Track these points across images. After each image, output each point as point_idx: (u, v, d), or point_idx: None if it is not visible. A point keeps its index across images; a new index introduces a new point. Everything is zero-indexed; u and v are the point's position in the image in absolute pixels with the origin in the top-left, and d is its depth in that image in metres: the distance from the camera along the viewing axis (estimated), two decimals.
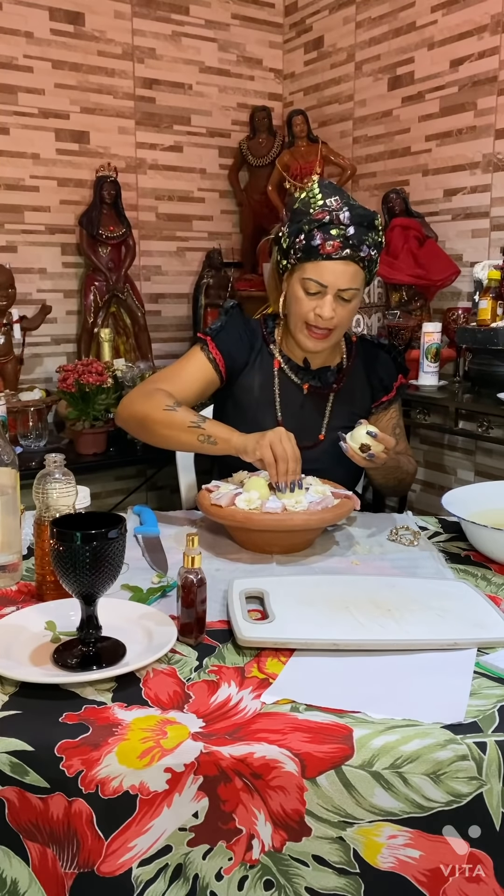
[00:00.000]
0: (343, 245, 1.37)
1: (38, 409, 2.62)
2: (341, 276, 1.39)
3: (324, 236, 1.37)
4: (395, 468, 1.52)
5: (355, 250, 1.38)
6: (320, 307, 1.41)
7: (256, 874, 0.79)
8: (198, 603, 0.99)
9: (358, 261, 1.39)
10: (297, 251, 1.40)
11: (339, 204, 1.38)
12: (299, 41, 3.41)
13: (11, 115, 2.91)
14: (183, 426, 1.39)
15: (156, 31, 3.16)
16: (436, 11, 2.74)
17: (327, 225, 1.37)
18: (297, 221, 1.41)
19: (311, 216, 1.39)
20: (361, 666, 0.94)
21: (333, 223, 1.37)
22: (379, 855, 0.79)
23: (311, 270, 1.40)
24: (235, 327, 1.55)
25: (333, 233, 1.37)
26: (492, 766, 0.79)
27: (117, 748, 0.77)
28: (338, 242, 1.37)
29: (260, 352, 1.56)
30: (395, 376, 1.61)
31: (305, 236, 1.38)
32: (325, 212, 1.37)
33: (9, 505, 1.15)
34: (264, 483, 1.30)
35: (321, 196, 1.40)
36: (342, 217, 1.37)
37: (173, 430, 1.40)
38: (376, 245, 1.41)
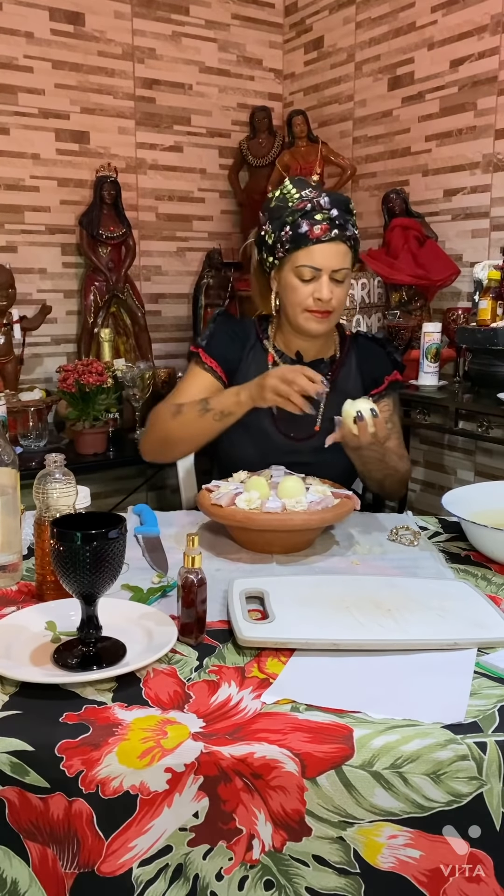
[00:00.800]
0: (331, 227, 1.42)
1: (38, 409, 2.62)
2: (333, 256, 1.43)
3: (310, 222, 1.42)
4: (378, 460, 1.49)
5: (342, 230, 1.43)
6: (318, 290, 1.44)
7: (257, 874, 0.79)
8: (198, 603, 0.99)
9: (345, 240, 1.44)
10: (285, 243, 1.45)
11: (316, 193, 1.44)
12: (299, 41, 3.41)
13: (11, 115, 2.91)
14: (195, 419, 1.45)
15: (156, 31, 3.16)
16: (436, 11, 2.74)
17: (310, 212, 1.42)
18: (277, 217, 1.45)
19: (292, 208, 1.43)
20: (361, 666, 0.94)
21: (316, 209, 1.42)
22: (379, 855, 0.79)
23: (303, 257, 1.44)
24: (224, 331, 1.60)
25: (318, 217, 1.42)
26: (492, 766, 0.79)
27: (118, 748, 0.77)
28: (325, 225, 1.42)
29: (253, 347, 1.59)
30: (389, 371, 1.61)
31: (291, 227, 1.43)
32: (306, 201, 1.43)
33: (9, 505, 1.15)
34: (264, 483, 1.30)
35: (296, 189, 1.45)
36: (323, 203, 1.42)
37: (190, 428, 1.47)
38: (356, 227, 1.48)
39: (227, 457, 1.57)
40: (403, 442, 1.62)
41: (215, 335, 1.59)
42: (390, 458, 1.51)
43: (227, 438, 1.55)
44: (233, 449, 1.56)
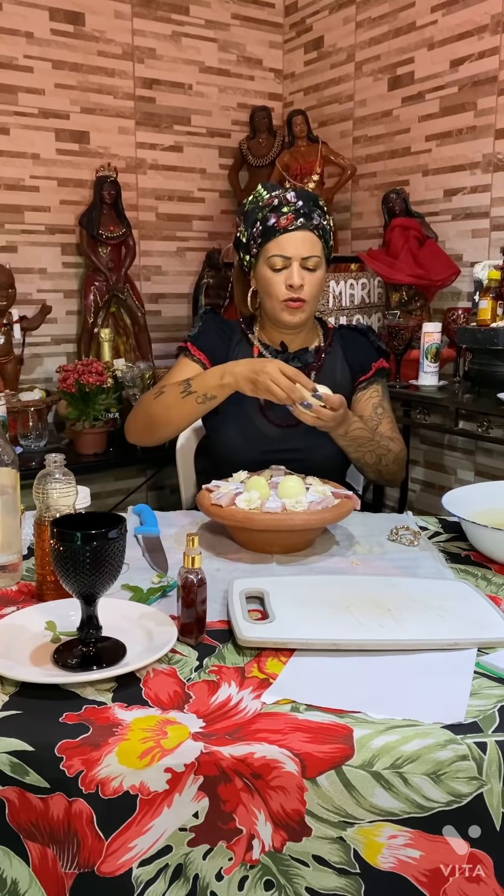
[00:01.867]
0: (296, 216, 1.49)
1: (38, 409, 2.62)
2: (301, 244, 1.49)
3: (277, 215, 1.49)
4: (367, 440, 1.50)
5: (308, 219, 1.49)
6: (289, 277, 1.49)
7: (257, 874, 0.79)
8: (198, 603, 0.99)
9: (312, 229, 1.50)
10: (257, 238, 1.52)
11: (283, 190, 1.52)
12: (299, 41, 3.41)
13: (11, 115, 2.91)
14: (177, 400, 1.47)
15: (156, 31, 3.16)
16: (436, 11, 2.74)
17: (278, 206, 1.50)
18: (250, 216, 1.53)
19: (261, 205, 1.52)
20: (361, 666, 0.94)
21: (283, 203, 1.50)
22: (379, 855, 0.79)
23: (273, 248, 1.50)
24: (211, 327, 1.64)
25: (285, 210, 1.49)
26: (492, 766, 0.79)
27: (117, 748, 0.77)
28: (291, 215, 1.49)
29: (239, 342, 1.63)
30: (375, 358, 1.64)
31: (261, 222, 1.51)
32: (273, 198, 1.51)
33: (9, 505, 1.15)
34: (264, 483, 1.30)
35: (265, 191, 1.53)
36: (289, 196, 1.50)
37: (172, 410, 1.48)
38: (325, 217, 1.53)
39: (216, 446, 1.60)
40: (395, 427, 1.63)
41: (204, 330, 1.63)
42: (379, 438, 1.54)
43: (214, 429, 1.58)
44: (220, 438, 1.59)
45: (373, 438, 1.52)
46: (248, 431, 1.55)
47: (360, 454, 1.53)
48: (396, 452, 1.57)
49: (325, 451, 1.51)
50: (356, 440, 1.49)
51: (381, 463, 1.55)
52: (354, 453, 1.53)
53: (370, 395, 1.62)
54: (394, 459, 1.56)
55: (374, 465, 1.55)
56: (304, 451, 1.48)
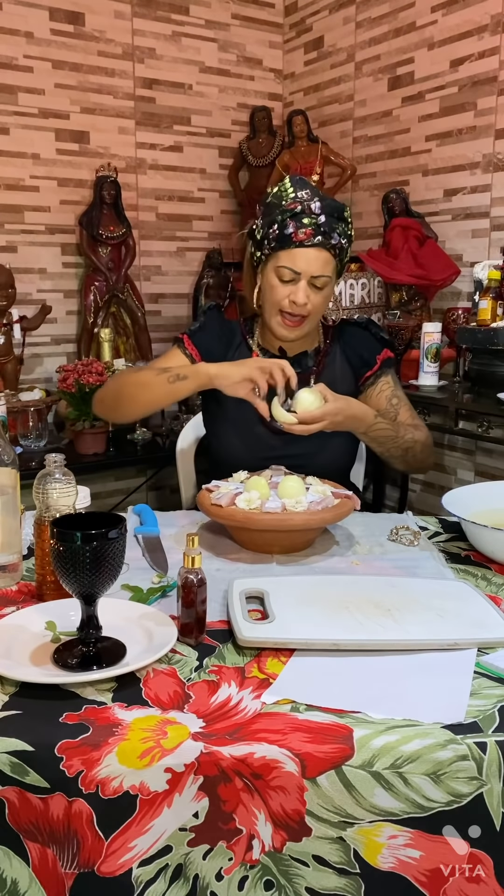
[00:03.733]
0: (315, 232, 1.41)
1: (38, 409, 2.62)
2: (314, 262, 1.43)
3: (296, 225, 1.42)
4: (390, 438, 1.49)
5: (327, 238, 1.42)
6: (294, 294, 1.45)
7: (257, 874, 0.79)
8: (198, 603, 0.99)
9: (329, 248, 1.44)
10: (271, 241, 1.45)
11: (310, 195, 1.43)
12: (299, 41, 3.41)
13: (11, 115, 2.91)
14: (150, 377, 1.45)
15: (156, 31, 3.16)
16: (436, 11, 2.74)
17: (299, 214, 1.42)
18: (269, 214, 1.45)
19: (283, 207, 1.43)
20: (361, 666, 0.94)
21: (305, 213, 1.41)
22: (379, 855, 0.79)
23: (284, 258, 1.44)
24: (213, 326, 1.60)
25: (305, 221, 1.41)
26: (492, 766, 0.79)
27: (117, 748, 0.77)
28: (310, 230, 1.41)
29: (238, 347, 1.60)
30: (378, 350, 1.60)
31: (279, 226, 1.43)
32: (297, 202, 1.42)
33: (9, 505, 1.15)
34: (264, 483, 1.30)
35: (293, 189, 1.45)
36: (313, 207, 1.41)
37: (143, 388, 1.46)
38: (346, 236, 1.46)
39: (216, 450, 1.59)
40: (415, 412, 1.60)
41: (204, 328, 1.59)
42: (404, 431, 1.51)
43: (215, 433, 1.57)
44: (220, 443, 1.58)
45: (396, 435, 1.50)
46: (249, 438, 1.54)
47: (384, 450, 1.52)
48: (423, 441, 1.55)
49: (326, 458, 1.50)
50: (377, 439, 1.48)
51: (409, 455, 1.54)
52: (379, 448, 1.52)
53: (381, 388, 1.59)
54: (421, 448, 1.54)
55: (402, 457, 1.54)
56: (304, 457, 1.46)
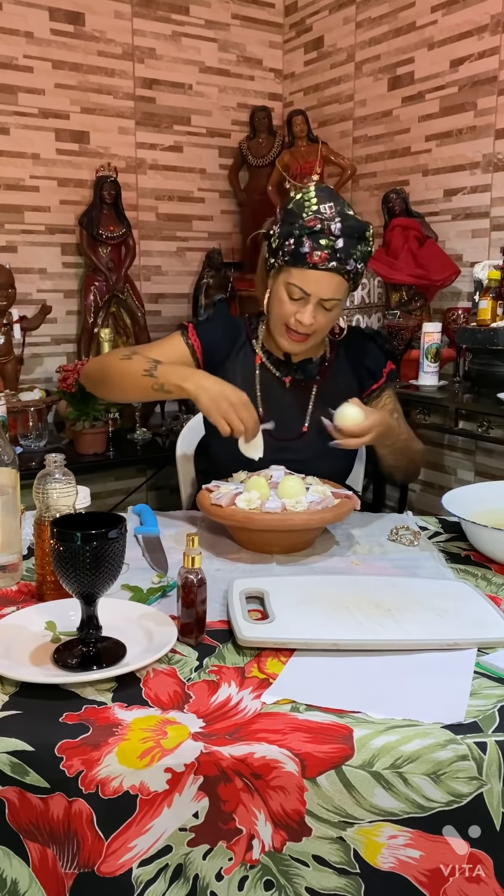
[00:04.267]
0: (330, 257, 1.36)
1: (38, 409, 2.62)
2: (325, 286, 1.39)
3: (312, 245, 1.36)
4: (405, 449, 1.53)
5: (342, 263, 1.37)
6: (301, 313, 1.41)
7: (257, 874, 0.79)
8: (198, 603, 0.99)
9: (343, 273, 1.39)
10: (285, 254, 1.39)
11: (333, 213, 1.36)
12: (299, 41, 3.41)
13: (11, 115, 2.91)
14: (137, 374, 1.41)
15: (156, 31, 3.16)
16: (436, 11, 2.74)
17: (317, 234, 1.36)
18: (288, 223, 1.40)
19: (303, 221, 1.37)
20: (361, 666, 0.94)
21: (324, 233, 1.35)
22: (379, 855, 0.79)
23: (296, 276, 1.39)
24: (220, 321, 1.58)
25: (322, 243, 1.36)
26: (492, 766, 0.79)
27: (117, 748, 0.77)
28: (325, 253, 1.36)
29: (242, 347, 1.58)
30: (384, 363, 1.61)
31: (295, 241, 1.37)
32: (317, 220, 1.36)
33: (9, 505, 1.15)
34: (264, 483, 1.30)
35: (316, 201, 1.38)
36: (333, 228, 1.35)
37: (128, 380, 1.43)
38: (364, 257, 1.41)
39: (216, 452, 1.57)
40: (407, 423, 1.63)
41: (211, 320, 1.58)
42: (414, 442, 1.56)
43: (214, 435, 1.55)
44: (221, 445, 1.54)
45: (409, 446, 1.54)
46: None
47: (396, 460, 1.55)
48: (422, 451, 1.60)
49: (325, 465, 1.48)
50: (399, 450, 1.51)
51: (412, 465, 1.58)
52: (393, 460, 1.54)
53: (384, 401, 1.61)
54: (420, 459, 1.59)
55: (406, 468, 1.59)
56: (304, 462, 1.45)
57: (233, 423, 1.33)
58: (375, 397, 1.60)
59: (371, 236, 1.41)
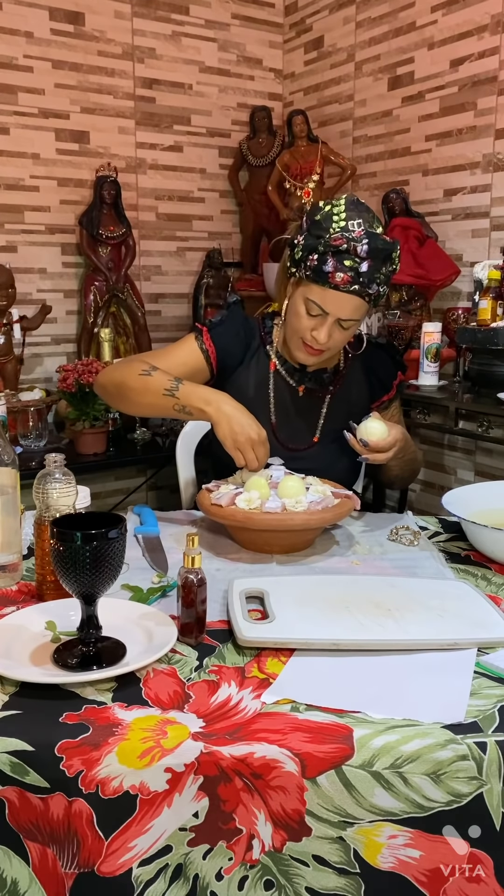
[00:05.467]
0: (353, 280, 1.33)
1: (38, 409, 2.62)
2: (345, 307, 1.37)
3: (336, 265, 1.32)
4: (412, 460, 1.56)
5: (364, 287, 1.34)
6: (318, 331, 1.39)
7: (257, 874, 0.79)
8: (198, 603, 0.99)
9: (365, 296, 1.36)
10: (308, 269, 1.36)
11: (361, 232, 1.32)
12: (299, 41, 3.40)
13: (11, 115, 2.91)
14: (158, 392, 1.38)
15: (156, 31, 3.16)
16: (436, 11, 2.74)
17: (342, 253, 1.32)
18: (314, 236, 1.35)
19: (328, 237, 1.33)
20: (361, 666, 0.94)
21: (349, 253, 1.32)
22: (379, 855, 0.79)
23: (316, 294, 1.37)
24: (234, 324, 1.55)
25: (347, 264, 1.32)
26: (492, 766, 0.79)
27: (117, 748, 0.77)
28: (348, 276, 1.33)
29: (256, 352, 1.56)
30: (395, 374, 1.61)
31: (319, 258, 1.34)
32: (344, 239, 1.32)
33: (9, 505, 1.15)
34: (264, 483, 1.30)
35: (345, 217, 1.33)
36: (359, 249, 1.31)
37: (148, 397, 1.39)
38: (387, 279, 1.38)
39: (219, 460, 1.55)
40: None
41: (225, 324, 1.54)
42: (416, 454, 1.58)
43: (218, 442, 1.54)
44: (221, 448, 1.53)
45: (415, 458, 1.57)
46: None
47: (402, 471, 1.57)
48: (420, 461, 1.64)
49: (333, 473, 1.48)
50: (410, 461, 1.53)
51: (413, 475, 1.63)
52: (398, 470, 1.56)
53: (392, 413, 1.62)
54: (419, 467, 1.64)
55: (408, 478, 1.63)
56: (314, 472, 1.44)
57: (247, 459, 1.32)
58: (385, 409, 1.61)
59: (397, 256, 1.38)
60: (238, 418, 1.32)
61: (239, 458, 1.34)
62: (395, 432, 1.38)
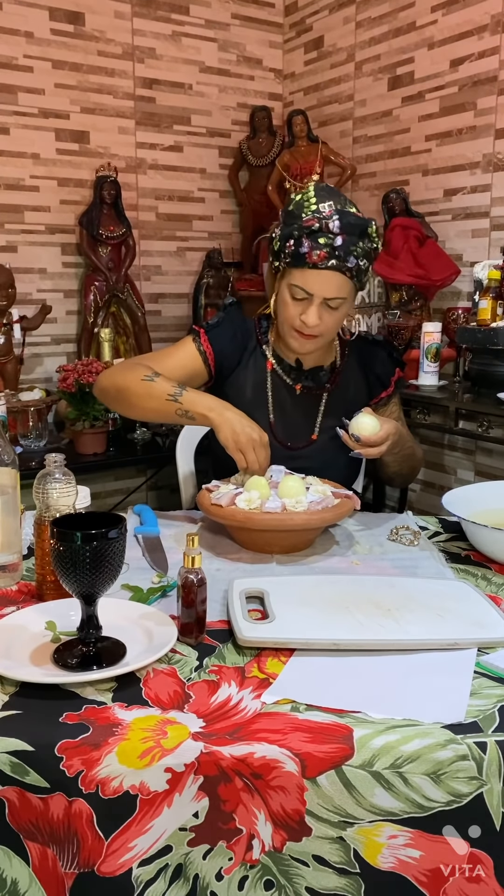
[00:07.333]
0: (329, 255, 1.35)
1: (38, 409, 2.62)
2: (327, 285, 1.38)
3: (311, 244, 1.35)
4: (409, 456, 1.55)
5: (342, 261, 1.35)
6: (306, 314, 1.40)
7: (257, 874, 0.79)
8: (198, 603, 0.99)
9: (344, 271, 1.37)
10: (287, 256, 1.39)
11: (331, 211, 1.35)
12: (299, 41, 3.41)
13: (11, 115, 2.91)
14: (161, 398, 1.39)
15: (156, 31, 3.16)
16: (436, 11, 2.74)
17: (316, 233, 1.34)
18: (289, 224, 1.39)
19: (301, 221, 1.36)
20: (361, 666, 0.94)
21: (322, 231, 1.34)
22: (379, 855, 0.79)
23: (298, 277, 1.39)
24: (231, 326, 1.56)
25: (321, 241, 1.34)
26: (492, 766, 0.79)
27: (117, 748, 0.77)
28: (324, 252, 1.34)
29: (253, 352, 1.56)
30: (392, 371, 1.61)
31: (294, 242, 1.37)
32: (316, 219, 1.35)
33: (9, 505, 1.15)
34: (265, 483, 1.30)
35: (315, 200, 1.37)
36: (332, 226, 1.34)
37: (151, 402, 1.41)
38: (366, 254, 1.39)
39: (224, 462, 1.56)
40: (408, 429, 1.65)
41: (222, 325, 1.55)
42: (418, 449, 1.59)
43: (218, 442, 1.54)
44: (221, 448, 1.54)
45: (414, 453, 1.56)
46: None
47: (400, 467, 1.57)
48: (422, 458, 1.63)
49: (333, 473, 1.48)
50: (407, 457, 1.53)
51: (414, 471, 1.62)
52: (396, 466, 1.56)
53: (391, 410, 1.62)
54: (419, 464, 1.63)
55: (407, 474, 1.62)
56: (313, 470, 1.45)
57: (249, 461, 1.34)
58: (383, 405, 1.60)
59: (375, 233, 1.40)
60: (240, 421, 1.36)
61: (241, 460, 1.35)
62: (388, 427, 1.37)
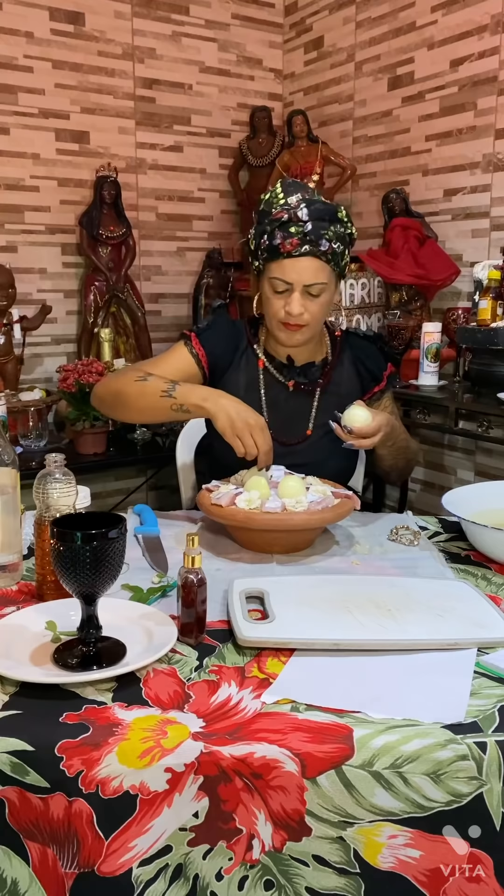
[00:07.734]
0: (301, 242, 1.39)
1: (38, 409, 2.62)
2: (304, 271, 1.40)
3: (283, 235, 1.39)
4: (404, 449, 1.56)
5: (314, 245, 1.39)
6: (289, 304, 1.42)
7: (257, 874, 0.79)
8: (198, 603, 0.99)
9: (319, 255, 1.40)
10: (262, 252, 1.43)
11: (299, 201, 1.40)
12: (299, 41, 3.41)
13: (11, 115, 2.91)
14: (155, 395, 1.41)
15: (156, 31, 3.16)
16: (436, 11, 2.74)
17: (286, 223, 1.39)
18: (261, 223, 1.44)
19: (271, 216, 1.41)
20: (361, 666, 0.94)
21: (292, 221, 1.39)
22: (379, 855, 0.79)
23: (275, 270, 1.42)
24: (221, 328, 1.58)
25: (292, 230, 1.39)
26: (492, 766, 0.79)
27: (117, 748, 0.77)
28: (296, 240, 1.39)
29: (245, 352, 1.58)
30: (384, 366, 1.63)
31: (268, 236, 1.41)
32: (285, 210, 1.40)
33: (9, 505, 1.15)
34: (265, 483, 1.30)
35: (283, 195, 1.42)
36: (300, 214, 1.38)
37: (146, 401, 1.43)
38: (339, 237, 1.42)
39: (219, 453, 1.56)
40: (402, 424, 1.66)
41: (212, 327, 1.57)
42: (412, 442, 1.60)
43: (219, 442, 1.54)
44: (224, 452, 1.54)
45: (409, 446, 1.57)
46: None
47: (395, 460, 1.57)
48: (417, 451, 1.64)
49: (329, 468, 1.49)
50: (400, 450, 1.53)
51: (409, 465, 1.62)
52: (391, 460, 1.56)
53: (384, 404, 1.62)
54: (415, 458, 1.64)
55: (403, 468, 1.62)
56: (308, 465, 1.45)
57: (246, 445, 1.34)
58: (376, 400, 1.61)
59: (345, 217, 1.43)
60: (235, 407, 1.36)
61: (238, 447, 1.34)
62: (380, 418, 1.38)
